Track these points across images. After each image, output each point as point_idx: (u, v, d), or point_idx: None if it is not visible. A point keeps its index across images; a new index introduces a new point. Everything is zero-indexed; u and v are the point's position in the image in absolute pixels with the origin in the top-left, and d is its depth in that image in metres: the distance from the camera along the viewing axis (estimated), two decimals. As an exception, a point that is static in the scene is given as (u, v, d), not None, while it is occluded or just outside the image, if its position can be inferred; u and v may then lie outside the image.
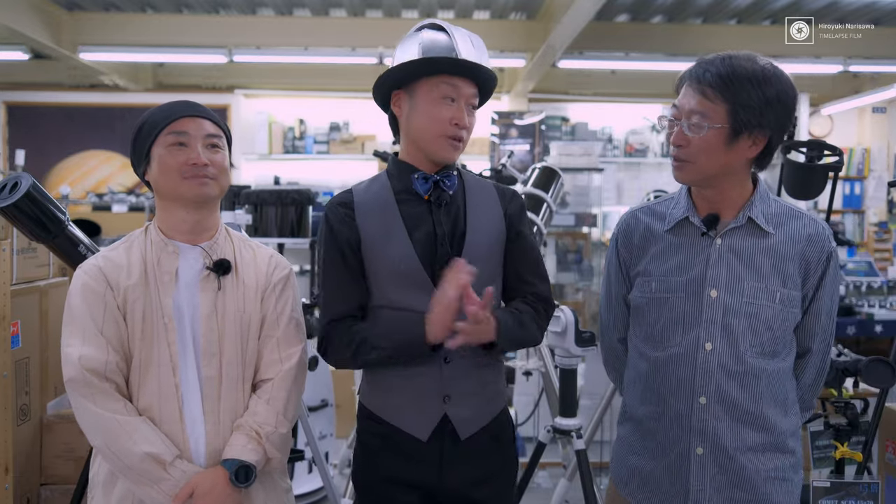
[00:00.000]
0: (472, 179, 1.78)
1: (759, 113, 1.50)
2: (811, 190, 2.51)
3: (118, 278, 1.58)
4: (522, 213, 1.78)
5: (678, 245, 1.63)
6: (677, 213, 1.64)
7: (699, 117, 1.52)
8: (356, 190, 1.73)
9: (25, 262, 2.81)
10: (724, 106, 1.50)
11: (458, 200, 1.71)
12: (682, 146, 1.55)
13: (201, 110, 1.63)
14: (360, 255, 1.67)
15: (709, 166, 1.55)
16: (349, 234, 1.66)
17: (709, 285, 1.57)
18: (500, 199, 1.75)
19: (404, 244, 1.65)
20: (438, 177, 1.68)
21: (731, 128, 1.51)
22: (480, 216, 1.71)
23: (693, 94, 1.54)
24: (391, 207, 1.67)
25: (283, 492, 1.69)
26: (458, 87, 1.64)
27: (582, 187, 5.76)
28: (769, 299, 1.56)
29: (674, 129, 1.57)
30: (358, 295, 1.67)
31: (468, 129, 1.67)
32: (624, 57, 6.49)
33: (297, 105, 7.53)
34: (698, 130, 1.52)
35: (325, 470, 2.84)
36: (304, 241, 3.57)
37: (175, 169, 1.57)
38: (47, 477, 2.86)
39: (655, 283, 1.63)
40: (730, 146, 1.53)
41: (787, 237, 1.59)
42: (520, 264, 1.74)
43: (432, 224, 1.67)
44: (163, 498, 1.50)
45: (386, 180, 1.72)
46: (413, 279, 1.64)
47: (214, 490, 1.51)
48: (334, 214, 1.68)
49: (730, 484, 1.57)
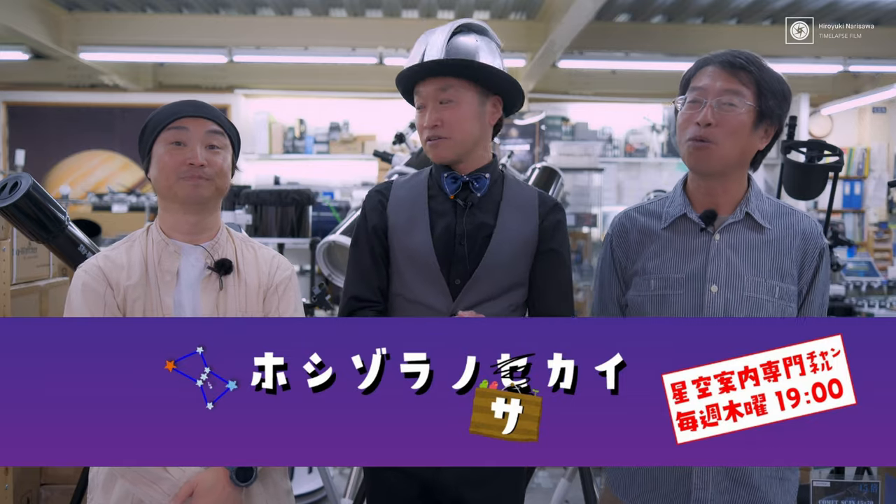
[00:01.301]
0: (515, 185, 1.78)
1: (780, 103, 1.54)
2: (811, 190, 2.51)
3: (118, 278, 1.57)
4: (558, 229, 1.73)
5: (676, 242, 1.63)
6: (674, 210, 1.65)
7: (730, 96, 1.52)
8: (397, 181, 1.80)
9: (25, 262, 2.81)
10: (753, 89, 1.52)
11: (491, 203, 1.72)
12: (712, 125, 1.52)
13: (206, 111, 1.61)
14: (386, 243, 1.73)
15: (732, 150, 1.54)
16: (378, 220, 1.73)
17: (709, 281, 1.58)
18: (540, 208, 1.73)
19: (424, 236, 1.68)
20: (468, 178, 1.70)
21: (757, 112, 1.53)
22: (512, 222, 1.70)
23: (724, 75, 1.53)
24: (421, 200, 1.72)
25: (284, 493, 1.67)
26: (421, 93, 1.69)
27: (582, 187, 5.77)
28: (769, 293, 1.57)
29: (698, 110, 1.54)
30: (378, 280, 1.73)
31: (441, 126, 1.66)
32: (624, 57, 6.49)
33: (297, 105, 7.53)
34: (731, 108, 1.52)
35: (325, 470, 2.85)
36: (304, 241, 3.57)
37: (171, 168, 1.57)
38: (47, 477, 2.86)
39: (654, 282, 1.63)
40: (753, 132, 1.55)
41: (783, 232, 1.61)
42: (544, 281, 1.72)
43: (455, 224, 1.69)
44: (162, 498, 1.49)
45: (426, 175, 1.77)
46: (427, 272, 1.67)
47: (215, 489, 1.50)
48: (370, 200, 1.77)
49: (732, 484, 1.57)
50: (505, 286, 1.68)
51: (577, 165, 5.41)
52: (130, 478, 1.51)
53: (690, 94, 1.57)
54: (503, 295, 1.69)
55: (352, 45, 6.27)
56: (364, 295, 1.72)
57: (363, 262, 1.74)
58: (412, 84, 1.71)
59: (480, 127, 1.69)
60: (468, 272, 1.67)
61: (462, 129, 1.67)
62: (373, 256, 1.73)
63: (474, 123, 1.68)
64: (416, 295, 1.69)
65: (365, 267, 1.73)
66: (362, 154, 7.22)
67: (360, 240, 1.76)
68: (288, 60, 6.65)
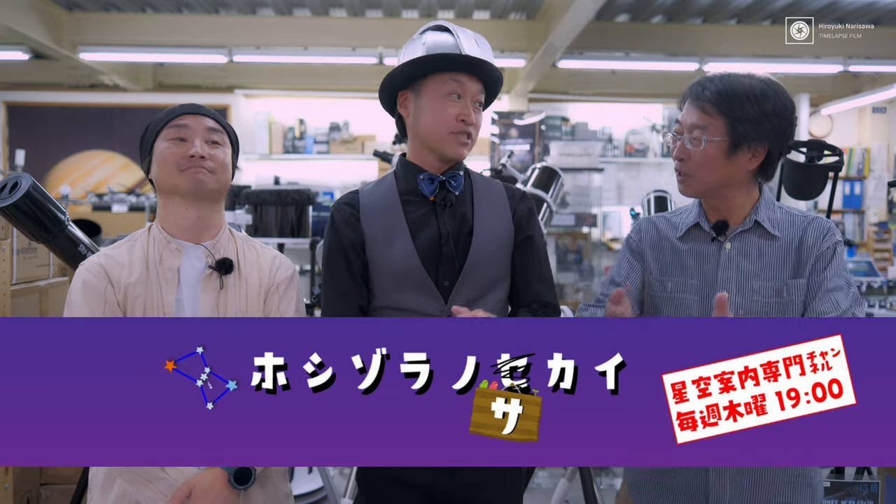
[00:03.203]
0: (481, 179, 1.77)
1: (757, 125, 1.56)
2: (811, 190, 2.51)
3: (119, 275, 1.58)
4: (531, 216, 1.76)
5: (689, 250, 1.67)
6: (688, 220, 1.70)
7: (699, 131, 1.58)
8: (363, 191, 1.74)
9: (25, 262, 2.81)
10: (722, 120, 1.56)
11: (465, 201, 1.71)
12: (684, 160, 1.61)
13: (205, 110, 1.66)
14: (363, 256, 1.67)
15: (710, 179, 1.60)
16: (353, 235, 1.67)
17: (720, 287, 1.61)
18: (510, 200, 1.75)
19: (407, 247, 1.65)
20: (444, 177, 1.68)
21: (730, 141, 1.56)
22: (488, 217, 1.71)
23: (694, 110, 1.60)
24: (396, 209, 1.68)
25: (284, 496, 1.67)
26: (463, 84, 1.64)
27: (582, 187, 5.76)
28: (778, 296, 1.60)
29: (677, 144, 1.63)
30: (357, 296, 1.67)
31: (475, 125, 1.67)
32: (624, 57, 6.48)
33: (297, 105, 7.53)
34: (698, 144, 1.58)
35: (325, 470, 2.85)
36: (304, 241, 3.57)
37: (173, 161, 1.59)
38: (47, 477, 2.86)
39: (671, 284, 1.67)
40: (730, 159, 1.58)
41: (793, 236, 1.63)
42: (526, 269, 1.73)
43: (437, 225, 1.67)
44: (158, 498, 1.49)
45: (392, 181, 1.73)
46: (415, 281, 1.64)
47: (212, 491, 1.50)
48: (340, 214, 1.69)
49: (751, 486, 1.59)
50: (492, 280, 1.68)
51: (577, 165, 5.41)
52: (127, 477, 1.51)
53: (675, 126, 1.66)
54: (491, 290, 1.69)
55: (352, 45, 6.27)
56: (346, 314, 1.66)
57: (341, 279, 1.67)
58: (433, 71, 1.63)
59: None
60: (456, 272, 1.65)
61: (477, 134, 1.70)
62: (351, 272, 1.66)
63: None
64: (404, 304, 1.65)
65: (343, 283, 1.66)
66: (362, 154, 7.22)
67: (334, 257, 1.68)
68: (288, 60, 6.64)
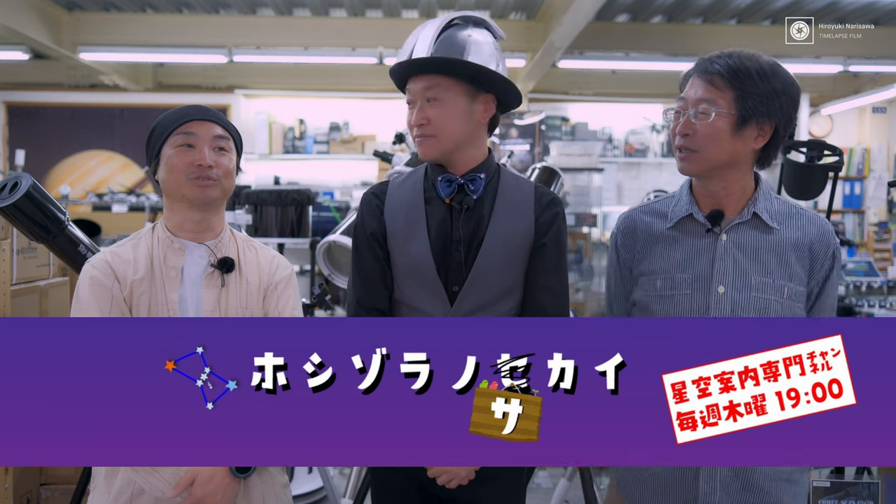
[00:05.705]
0: (511, 180, 1.72)
1: (766, 101, 1.52)
2: (811, 190, 2.51)
3: (125, 272, 1.62)
4: (555, 223, 1.69)
5: (682, 242, 1.62)
6: (679, 210, 1.64)
7: (706, 105, 1.53)
8: (393, 182, 1.75)
9: (25, 262, 2.81)
10: (731, 93, 1.52)
11: (486, 204, 1.67)
12: (689, 135, 1.55)
13: (212, 115, 1.67)
14: (386, 247, 1.69)
15: (715, 155, 1.54)
16: (376, 226, 1.70)
17: (716, 282, 1.57)
18: (536, 205, 1.69)
19: (423, 246, 1.65)
20: (463, 179, 1.66)
21: (738, 115, 1.52)
22: (504, 222, 1.66)
23: (701, 83, 1.55)
24: (418, 207, 1.68)
25: (281, 486, 1.70)
26: (410, 89, 1.65)
27: (582, 187, 5.76)
28: (777, 294, 1.56)
29: (679, 121, 1.57)
30: (382, 283, 1.70)
31: (427, 124, 1.62)
32: (624, 57, 6.48)
33: (297, 105, 7.53)
34: (705, 118, 1.53)
35: (325, 470, 2.85)
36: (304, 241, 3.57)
37: (181, 169, 1.62)
38: (47, 477, 2.86)
39: (661, 282, 1.62)
40: (737, 134, 1.53)
41: (792, 233, 1.59)
42: (534, 278, 1.68)
43: (451, 228, 1.66)
44: (163, 485, 1.54)
45: (421, 176, 1.72)
46: (426, 280, 1.65)
47: (214, 479, 1.54)
48: (367, 204, 1.73)
49: (740, 486, 1.56)
50: (503, 289, 1.65)
51: (577, 165, 5.41)
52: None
53: (677, 104, 1.59)
54: (502, 299, 1.66)
55: (352, 45, 6.27)
56: (369, 303, 1.69)
57: (367, 266, 1.70)
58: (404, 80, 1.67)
59: (469, 125, 1.64)
60: (464, 278, 1.64)
61: (448, 127, 1.62)
62: (376, 260, 1.69)
63: (461, 122, 1.63)
64: (414, 302, 1.66)
65: (368, 270, 1.70)
66: (362, 154, 7.23)
67: (360, 245, 1.72)
68: (288, 60, 6.65)
